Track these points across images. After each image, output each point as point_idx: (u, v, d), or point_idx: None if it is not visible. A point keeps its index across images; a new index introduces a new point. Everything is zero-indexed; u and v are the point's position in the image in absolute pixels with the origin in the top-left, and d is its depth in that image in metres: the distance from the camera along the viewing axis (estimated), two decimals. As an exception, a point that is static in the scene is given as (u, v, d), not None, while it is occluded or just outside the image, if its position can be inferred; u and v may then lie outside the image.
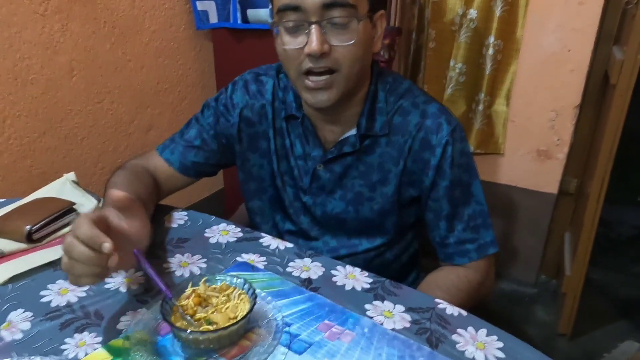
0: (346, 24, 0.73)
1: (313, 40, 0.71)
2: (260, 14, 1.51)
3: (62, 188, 0.95)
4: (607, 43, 1.72)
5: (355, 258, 0.92)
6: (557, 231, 2.07)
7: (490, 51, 1.75)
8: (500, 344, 0.63)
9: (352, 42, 0.73)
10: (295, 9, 0.72)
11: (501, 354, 0.62)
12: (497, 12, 1.69)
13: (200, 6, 1.63)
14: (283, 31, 0.76)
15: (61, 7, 1.28)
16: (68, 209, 0.88)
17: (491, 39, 1.73)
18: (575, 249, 1.79)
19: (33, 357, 0.58)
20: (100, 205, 0.93)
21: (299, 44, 0.74)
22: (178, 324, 0.59)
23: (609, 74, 1.59)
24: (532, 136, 1.85)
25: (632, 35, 1.41)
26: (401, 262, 0.99)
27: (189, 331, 0.57)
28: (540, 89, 1.78)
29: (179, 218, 0.93)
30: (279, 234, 0.96)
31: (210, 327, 0.59)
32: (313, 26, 0.72)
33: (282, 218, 0.96)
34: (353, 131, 0.85)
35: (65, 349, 0.61)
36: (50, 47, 1.28)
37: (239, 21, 1.56)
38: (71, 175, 0.98)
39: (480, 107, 1.84)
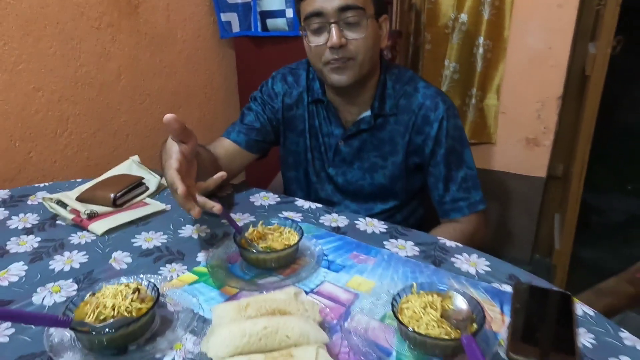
0: (358, 22, 0.96)
1: (333, 35, 0.94)
2: (278, 23, 1.73)
3: (130, 167, 1.16)
4: (583, 40, 1.93)
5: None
6: (548, 213, 2.27)
7: (481, 51, 1.95)
8: (488, 262, 0.84)
9: (363, 35, 0.96)
10: (318, 14, 0.95)
11: (488, 268, 0.82)
12: (486, 15, 1.90)
13: (224, 17, 1.85)
14: (310, 33, 0.98)
15: (112, 22, 1.51)
16: (139, 182, 1.09)
17: (481, 40, 1.94)
18: (563, 226, 1.99)
19: (139, 277, 0.78)
20: (162, 180, 1.14)
21: (322, 41, 0.96)
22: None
23: (585, 67, 1.81)
24: (521, 126, 2.06)
25: (602, 32, 1.63)
26: (408, 224, 1.19)
27: (255, 251, 0.78)
28: (527, 83, 1.98)
29: (226, 190, 1.14)
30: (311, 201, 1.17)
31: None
32: (332, 25, 0.94)
33: (311, 187, 1.17)
34: (368, 112, 1.06)
35: (161, 273, 0.81)
36: (103, 55, 1.50)
37: (259, 30, 1.77)
38: (136, 158, 1.19)
39: (473, 101, 2.05)
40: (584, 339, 0.65)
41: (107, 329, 0.60)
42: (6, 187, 1.16)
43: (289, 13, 1.69)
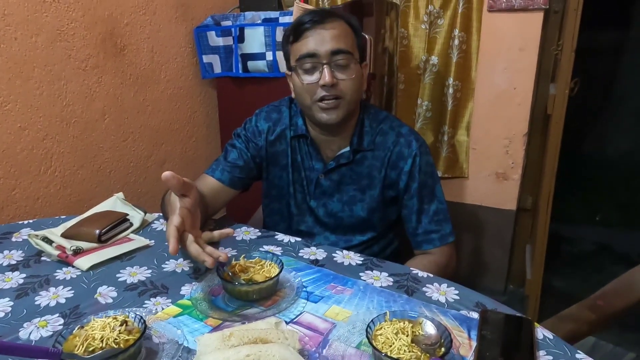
0: (347, 65, 1.05)
1: (326, 75, 1.02)
2: (259, 65, 1.82)
3: (115, 204, 1.20)
4: (545, 81, 2.07)
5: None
6: (519, 244, 2.36)
7: (451, 90, 2.07)
8: (456, 291, 0.89)
9: (352, 77, 1.06)
10: (312, 55, 1.04)
11: (456, 297, 0.88)
12: (454, 58, 2.03)
13: (206, 59, 1.93)
14: (301, 72, 1.06)
15: (98, 64, 1.56)
16: (124, 219, 1.12)
17: (450, 80, 2.06)
18: (533, 256, 2.07)
19: (125, 310, 0.80)
20: (146, 216, 1.18)
21: (314, 80, 1.05)
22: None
23: (547, 107, 1.93)
24: (490, 161, 2.16)
25: (559, 75, 1.76)
26: (385, 254, 1.25)
27: (237, 283, 0.82)
28: (494, 120, 2.10)
29: (209, 225, 1.18)
30: (292, 233, 1.22)
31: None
32: (325, 66, 1.03)
33: (292, 220, 1.22)
34: (347, 148, 1.14)
35: (146, 307, 0.84)
36: (88, 96, 1.55)
37: (240, 71, 1.85)
38: (120, 195, 1.23)
39: (445, 137, 2.15)
40: (544, 361, 0.70)
41: (96, 360, 0.63)
42: (-10, 225, 1.17)
43: (269, 56, 1.78)
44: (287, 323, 0.79)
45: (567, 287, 2.45)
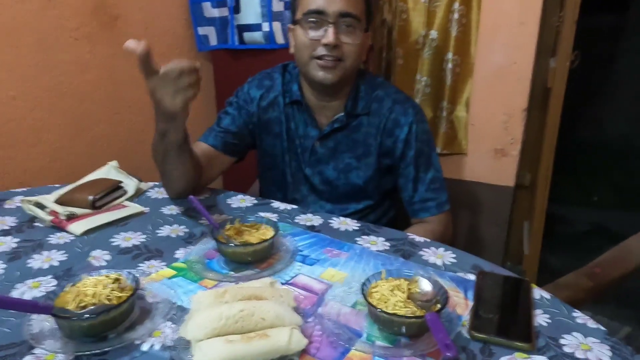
0: (353, 29, 1.03)
1: (330, 34, 1.00)
2: (255, 37, 1.78)
3: (109, 172, 1.18)
4: (545, 56, 2.04)
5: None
6: (517, 221, 2.35)
7: (450, 66, 2.04)
8: (453, 255, 0.89)
9: (357, 42, 1.04)
10: (320, 12, 1.02)
11: (453, 260, 0.87)
12: (454, 32, 1.99)
13: (201, 31, 1.89)
14: (306, 26, 1.04)
15: (90, 33, 1.53)
16: (117, 186, 1.11)
17: (450, 55, 2.02)
18: (531, 233, 2.07)
19: (119, 270, 0.79)
20: (140, 184, 1.16)
21: (317, 36, 1.03)
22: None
23: (547, 81, 1.91)
24: (489, 137, 2.14)
25: (560, 47, 1.73)
26: (381, 223, 1.23)
27: (233, 244, 0.81)
28: (494, 96, 2.07)
29: (204, 193, 1.17)
30: (288, 202, 1.21)
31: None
32: (331, 25, 1.01)
33: (287, 189, 1.21)
34: (342, 113, 1.12)
35: (140, 269, 0.83)
36: (81, 66, 1.52)
37: (237, 43, 1.82)
38: (114, 163, 1.21)
39: (444, 113, 2.13)
40: (541, 319, 0.70)
41: (88, 315, 0.62)
42: (-19, 193, 1.16)
43: (266, 27, 1.75)
44: (282, 284, 0.78)
45: (564, 265, 2.46)
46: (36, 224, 1.00)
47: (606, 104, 3.92)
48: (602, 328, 0.68)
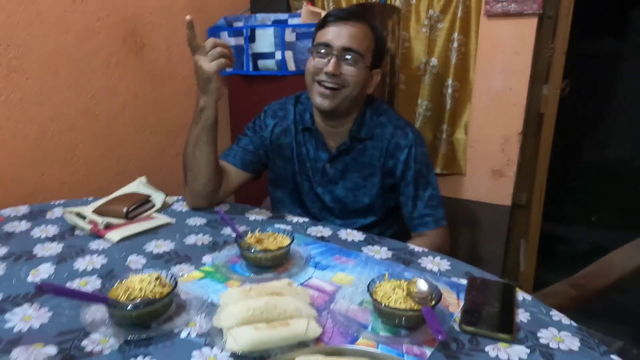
0: (354, 63, 1.17)
1: (331, 64, 1.14)
2: (268, 64, 1.93)
3: (138, 187, 1.31)
4: (539, 83, 2.17)
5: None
6: (514, 239, 2.45)
7: (450, 91, 2.18)
8: (448, 262, 1.00)
9: (356, 75, 1.17)
10: (327, 45, 1.17)
11: (448, 267, 0.98)
12: (453, 60, 2.13)
13: (218, 58, 2.04)
14: (315, 55, 1.19)
15: (120, 61, 1.68)
16: (147, 200, 1.23)
17: (449, 81, 2.16)
18: (527, 250, 2.17)
19: (155, 270, 0.91)
20: (167, 198, 1.29)
21: (321, 64, 1.17)
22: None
23: (541, 106, 2.04)
24: (487, 158, 2.26)
25: (552, 76, 1.87)
26: (384, 237, 1.35)
27: (254, 250, 0.93)
28: (491, 120, 2.20)
29: (224, 207, 1.29)
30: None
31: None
32: (333, 57, 1.14)
33: (299, 206, 1.33)
34: (348, 138, 1.25)
35: (172, 271, 0.95)
36: (111, 91, 1.67)
37: (251, 69, 1.97)
38: (143, 179, 1.34)
39: (444, 136, 2.26)
40: (522, 316, 0.81)
41: (138, 305, 0.74)
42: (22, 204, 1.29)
43: (278, 55, 1.90)
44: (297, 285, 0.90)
45: (559, 280, 2.54)
46: (76, 232, 1.12)
47: (606, 127, 4.02)
48: (575, 324, 0.79)
